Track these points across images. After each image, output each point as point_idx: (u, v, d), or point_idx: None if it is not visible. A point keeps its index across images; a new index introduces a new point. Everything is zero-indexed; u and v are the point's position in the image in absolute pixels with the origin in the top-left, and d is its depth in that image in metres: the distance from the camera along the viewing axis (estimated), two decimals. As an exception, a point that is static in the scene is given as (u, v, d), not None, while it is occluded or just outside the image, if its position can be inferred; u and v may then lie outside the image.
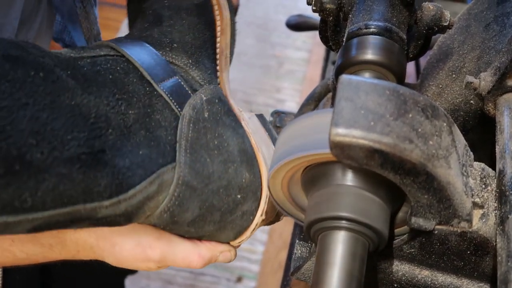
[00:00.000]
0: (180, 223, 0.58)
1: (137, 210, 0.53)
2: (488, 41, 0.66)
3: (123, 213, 0.52)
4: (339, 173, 0.54)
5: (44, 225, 0.47)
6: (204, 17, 0.66)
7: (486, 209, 0.53)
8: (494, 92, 0.59)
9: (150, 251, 0.60)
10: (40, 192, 0.44)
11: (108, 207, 0.50)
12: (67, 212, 0.47)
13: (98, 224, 0.52)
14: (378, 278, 0.60)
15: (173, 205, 0.56)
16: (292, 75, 2.85)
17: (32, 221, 0.45)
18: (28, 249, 0.58)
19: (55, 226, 0.49)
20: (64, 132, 0.46)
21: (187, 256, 0.62)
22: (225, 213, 0.61)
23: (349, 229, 0.52)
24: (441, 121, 0.51)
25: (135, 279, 1.90)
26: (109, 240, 0.60)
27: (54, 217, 0.47)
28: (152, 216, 0.56)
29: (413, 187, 0.50)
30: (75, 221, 0.49)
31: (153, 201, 0.54)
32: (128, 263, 0.61)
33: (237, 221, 0.62)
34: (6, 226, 0.44)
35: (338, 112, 0.49)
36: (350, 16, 0.68)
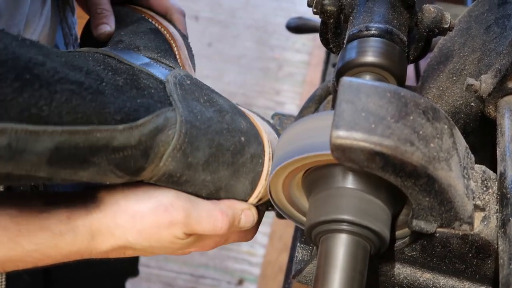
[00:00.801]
0: (195, 165, 0.58)
1: (150, 141, 0.54)
2: (489, 43, 0.66)
3: (138, 143, 0.53)
4: (340, 175, 0.54)
5: (65, 147, 0.48)
6: (159, 37, 0.74)
7: (488, 211, 0.52)
8: (495, 94, 0.58)
9: (173, 211, 0.57)
10: (54, 102, 0.47)
11: (122, 132, 0.52)
12: (84, 131, 0.49)
13: (116, 160, 0.52)
14: (379, 281, 0.60)
15: (183, 142, 0.57)
16: (292, 77, 2.85)
17: (52, 136, 0.46)
18: (38, 239, 0.55)
19: (75, 153, 0.49)
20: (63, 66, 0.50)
21: (211, 214, 0.59)
22: (235, 153, 0.61)
23: (351, 232, 0.52)
24: (442, 123, 0.51)
25: (135, 282, 1.89)
26: (127, 212, 0.57)
27: (73, 136, 0.48)
28: (167, 158, 0.56)
29: (414, 190, 0.50)
30: (93, 148, 0.50)
31: (163, 135, 0.55)
32: (153, 233, 0.58)
33: (249, 165, 0.62)
34: (28, 138, 0.45)
35: (339, 114, 0.49)
36: (351, 18, 0.68)
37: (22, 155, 0.46)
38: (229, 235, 0.65)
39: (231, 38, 3.00)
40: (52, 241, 0.55)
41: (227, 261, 2.07)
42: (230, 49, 2.93)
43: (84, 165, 0.51)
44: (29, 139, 0.46)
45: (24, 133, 0.45)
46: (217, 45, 2.93)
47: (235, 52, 2.93)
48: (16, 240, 0.54)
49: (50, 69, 0.48)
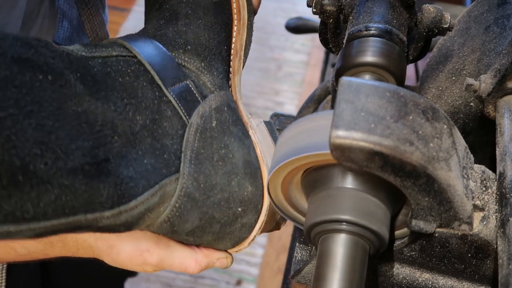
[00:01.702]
0: (179, 232, 0.59)
1: (137, 220, 0.54)
2: (488, 43, 0.66)
3: (124, 223, 0.52)
4: (339, 175, 0.54)
5: (45, 233, 0.48)
6: (221, 16, 0.65)
7: (487, 211, 0.52)
8: (494, 94, 0.58)
9: (148, 255, 0.61)
10: (42, 203, 0.44)
11: (109, 217, 0.50)
12: (68, 222, 0.48)
13: (98, 231, 0.53)
14: (378, 281, 0.60)
15: (173, 216, 0.56)
16: (291, 78, 2.85)
17: (33, 230, 0.46)
18: (30, 246, 0.59)
19: (56, 233, 0.49)
20: (69, 141, 0.46)
21: (184, 262, 0.63)
22: (225, 225, 0.61)
23: (350, 232, 0.52)
24: (442, 123, 0.51)
25: (134, 282, 1.89)
26: (107, 242, 0.61)
27: (56, 226, 0.47)
28: (152, 226, 0.57)
29: (414, 190, 0.49)
30: (76, 229, 0.50)
31: (154, 212, 0.55)
32: (124, 265, 0.62)
33: (236, 233, 0.63)
34: (8, 234, 0.44)
35: (339, 114, 0.49)
36: (350, 18, 0.68)
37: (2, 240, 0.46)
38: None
39: (230, 38, 3.00)
40: (43, 250, 0.60)
41: (226, 262, 2.07)
42: (230, 50, 2.93)
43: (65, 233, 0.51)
44: (9, 235, 0.45)
45: (5, 234, 0.44)
46: (217, 45, 2.91)
47: (234, 52, 2.92)
48: (11, 245, 0.59)
49: (49, 157, 0.44)
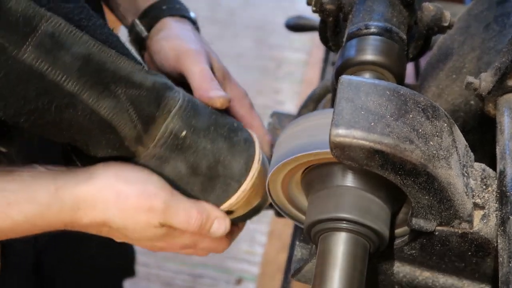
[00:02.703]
0: (197, 130, 0.63)
1: (161, 91, 0.60)
2: (488, 41, 0.66)
3: (152, 87, 0.59)
4: (339, 174, 0.54)
5: (94, 60, 0.54)
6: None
7: (487, 210, 0.52)
8: (494, 92, 0.58)
9: (155, 199, 0.61)
10: (91, 22, 0.57)
11: (140, 71, 0.59)
12: (112, 54, 0.56)
13: (132, 96, 0.57)
14: (378, 280, 0.60)
15: (187, 106, 0.62)
16: (290, 76, 2.85)
17: (87, 44, 0.53)
18: (26, 210, 0.58)
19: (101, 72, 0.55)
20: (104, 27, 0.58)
21: (187, 210, 0.63)
22: (231, 130, 0.66)
23: (350, 230, 0.52)
24: (442, 121, 0.51)
25: (134, 282, 1.89)
26: (113, 189, 0.60)
27: (103, 53, 0.55)
28: (174, 115, 0.61)
29: (414, 188, 0.49)
30: (116, 75, 0.56)
31: (172, 92, 0.61)
32: (131, 215, 0.61)
33: (242, 145, 0.66)
34: (68, 36, 0.51)
35: (339, 112, 0.49)
36: (350, 17, 0.68)
37: (60, 51, 0.51)
38: (198, 240, 0.68)
39: (230, 38, 3.00)
40: (39, 213, 0.58)
41: (226, 261, 2.06)
42: (229, 49, 2.93)
43: (105, 92, 0.55)
44: (69, 37, 0.52)
45: (66, 30, 0.51)
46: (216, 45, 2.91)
47: (234, 51, 2.92)
48: (6, 212, 0.57)
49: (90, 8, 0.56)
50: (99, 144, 0.60)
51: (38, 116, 0.54)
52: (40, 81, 0.51)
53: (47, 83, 0.52)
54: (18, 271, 0.94)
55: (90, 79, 0.54)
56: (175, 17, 0.78)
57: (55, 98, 0.53)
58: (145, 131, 0.60)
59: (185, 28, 0.77)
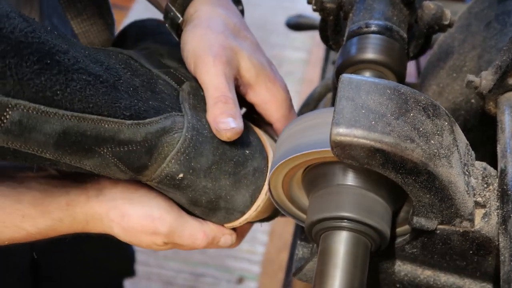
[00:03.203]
0: (197, 171, 0.60)
1: (156, 141, 0.57)
2: (489, 39, 0.66)
3: (143, 140, 0.56)
4: (340, 173, 0.54)
5: (72, 132, 0.50)
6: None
7: (488, 208, 0.52)
8: (495, 91, 0.58)
9: (159, 223, 0.61)
10: (69, 89, 0.50)
11: (130, 127, 0.55)
12: (93, 119, 0.52)
13: (120, 153, 0.54)
14: (380, 279, 0.60)
15: (187, 146, 0.59)
16: (291, 76, 2.85)
17: (61, 119, 0.50)
18: (39, 224, 0.59)
19: (82, 140, 0.51)
20: (85, 57, 0.53)
21: (193, 233, 0.63)
22: (238, 164, 0.62)
23: (351, 229, 0.52)
24: (443, 120, 0.51)
25: (135, 281, 1.89)
26: (119, 210, 0.61)
27: (81, 123, 0.51)
28: (170, 160, 0.58)
29: (415, 187, 0.49)
30: (100, 138, 0.53)
31: (169, 137, 0.58)
32: (134, 235, 0.62)
33: (250, 177, 0.63)
34: (38, 118, 0.48)
35: (339, 111, 0.48)
36: (351, 15, 0.68)
37: (30, 133, 0.49)
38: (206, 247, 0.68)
39: (230, 37, 3.00)
40: (52, 226, 0.60)
41: (227, 260, 2.06)
42: (229, 48, 2.92)
43: (89, 154, 0.53)
44: (39, 119, 0.48)
45: (35, 112, 0.48)
46: (216, 44, 2.91)
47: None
48: (20, 225, 0.59)
49: (71, 58, 0.51)
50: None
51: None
52: (16, 153, 0.50)
53: (24, 154, 0.51)
54: (15, 272, 0.94)
55: (68, 149, 0.52)
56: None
57: (35, 162, 0.53)
58: (138, 175, 0.59)
59: (216, 15, 0.67)
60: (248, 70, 0.65)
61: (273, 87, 0.66)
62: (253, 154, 0.63)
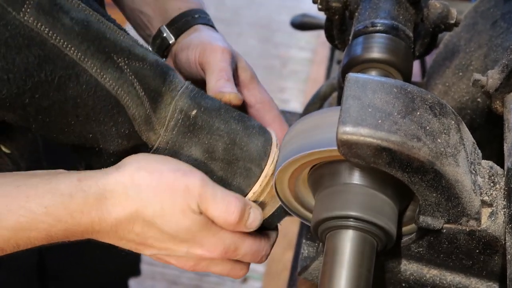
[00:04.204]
0: (208, 109, 0.60)
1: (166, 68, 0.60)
2: (495, 38, 0.66)
3: (155, 62, 0.59)
4: (346, 172, 0.54)
5: (93, 27, 0.54)
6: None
7: (495, 207, 0.52)
8: (502, 89, 0.58)
9: (191, 176, 0.57)
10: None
11: (141, 47, 0.59)
12: (111, 27, 0.56)
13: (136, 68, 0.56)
14: (385, 278, 0.60)
15: (193, 88, 0.61)
16: (295, 75, 2.85)
17: (85, 12, 0.54)
18: (47, 201, 0.55)
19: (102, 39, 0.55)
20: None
21: (225, 196, 0.58)
22: (243, 115, 0.64)
23: (357, 228, 0.52)
24: (449, 119, 0.51)
25: (140, 280, 1.89)
26: (146, 169, 0.57)
27: (102, 24, 0.55)
28: (181, 94, 0.60)
29: (421, 186, 0.49)
30: (117, 45, 0.56)
31: (176, 75, 0.61)
32: (167, 195, 0.57)
33: (257, 129, 0.63)
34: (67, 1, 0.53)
35: (346, 110, 0.48)
36: (356, 15, 0.68)
37: (58, 14, 0.52)
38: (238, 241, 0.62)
39: (235, 36, 3.00)
40: (62, 203, 0.55)
41: (232, 259, 2.06)
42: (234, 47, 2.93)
43: (108, 62, 0.55)
44: (66, 3, 0.53)
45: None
46: (221, 43, 2.91)
47: (239, 50, 2.90)
48: (26, 206, 0.55)
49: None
50: (109, 134, 0.57)
51: (42, 94, 0.53)
52: (42, 47, 0.51)
53: (49, 50, 0.51)
54: (22, 271, 0.94)
55: (91, 46, 0.53)
56: (206, 26, 0.78)
57: (57, 68, 0.52)
58: (153, 110, 0.58)
59: (216, 34, 0.76)
60: (245, 70, 0.73)
61: (263, 93, 0.72)
62: (252, 118, 0.65)
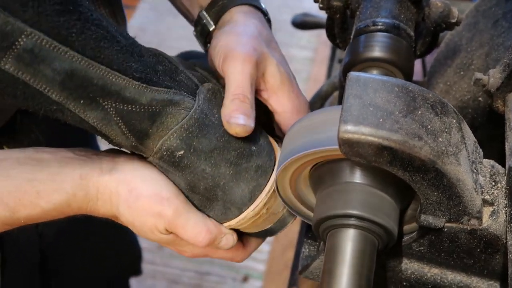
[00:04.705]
0: (198, 152, 0.60)
1: (160, 109, 0.58)
2: (497, 37, 0.66)
3: (149, 103, 0.57)
4: (347, 170, 0.54)
5: (80, 75, 0.52)
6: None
7: (496, 206, 0.52)
8: (503, 88, 0.58)
9: (166, 203, 0.60)
10: (84, 35, 0.52)
11: (136, 87, 0.56)
12: (101, 69, 0.54)
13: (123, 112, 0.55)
14: (387, 276, 0.60)
15: (192, 125, 0.59)
16: (297, 74, 2.83)
17: (71, 59, 0.52)
18: (54, 199, 0.59)
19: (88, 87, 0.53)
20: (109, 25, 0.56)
21: (197, 225, 0.61)
22: (241, 156, 0.62)
23: (358, 227, 0.52)
24: (451, 117, 0.51)
25: (141, 279, 1.90)
26: (128, 185, 0.60)
27: (90, 69, 0.53)
28: (173, 133, 0.59)
29: (423, 184, 0.49)
30: (105, 90, 0.54)
31: (175, 110, 0.59)
32: (139, 213, 0.61)
33: (252, 173, 0.62)
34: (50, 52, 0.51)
35: (347, 109, 0.48)
36: (358, 13, 0.68)
37: (40, 65, 0.51)
38: (209, 251, 0.67)
39: (235, 35, 3.00)
40: (66, 201, 0.60)
41: (233, 258, 2.07)
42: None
43: (93, 104, 0.55)
44: (50, 53, 0.51)
45: (48, 46, 0.51)
46: (222, 42, 2.91)
47: (239, 49, 2.92)
48: (35, 201, 0.59)
49: (95, 18, 0.54)
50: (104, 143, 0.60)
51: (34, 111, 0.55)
52: (26, 87, 0.52)
53: (33, 90, 0.52)
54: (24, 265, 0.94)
55: (74, 93, 0.53)
56: (244, 6, 0.72)
57: (43, 103, 0.54)
58: (140, 143, 0.59)
59: (251, 23, 0.70)
60: (274, 75, 0.66)
61: (296, 99, 0.67)
62: (260, 152, 0.63)
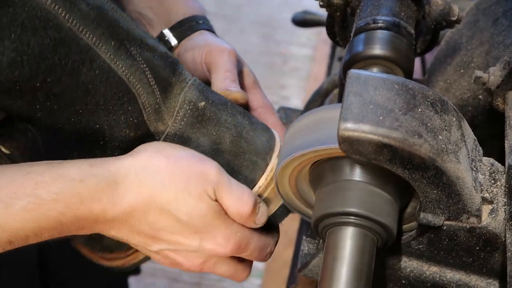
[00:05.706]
0: (215, 102, 0.62)
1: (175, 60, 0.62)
2: (497, 35, 0.66)
3: (166, 53, 0.60)
4: (347, 168, 0.54)
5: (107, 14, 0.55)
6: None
7: (496, 204, 0.52)
8: (503, 86, 0.58)
9: (208, 163, 0.58)
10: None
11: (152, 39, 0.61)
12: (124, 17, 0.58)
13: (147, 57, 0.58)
14: (386, 274, 0.60)
15: (200, 82, 0.63)
16: (296, 72, 2.84)
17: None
18: (56, 187, 0.54)
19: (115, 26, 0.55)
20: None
21: (240, 188, 0.59)
22: (246, 112, 0.65)
23: (358, 225, 0.52)
24: (451, 115, 0.51)
25: (141, 277, 1.89)
26: (162, 153, 0.57)
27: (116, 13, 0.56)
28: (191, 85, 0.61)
29: (422, 182, 0.49)
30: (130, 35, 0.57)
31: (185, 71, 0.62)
32: (182, 179, 0.56)
33: (261, 124, 0.65)
34: None
35: (347, 107, 0.48)
36: (358, 11, 0.68)
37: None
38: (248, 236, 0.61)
39: (236, 33, 2.99)
40: (72, 188, 0.54)
41: (232, 256, 2.06)
42: (235, 44, 2.90)
43: (121, 49, 0.56)
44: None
45: None
46: (222, 40, 2.92)
47: (240, 47, 2.91)
48: (34, 193, 0.53)
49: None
50: (117, 125, 0.57)
51: (54, 78, 0.52)
52: (58, 30, 0.51)
53: (64, 33, 0.52)
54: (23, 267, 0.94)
55: (105, 32, 0.54)
56: (209, 31, 0.78)
57: (71, 52, 0.52)
58: (163, 99, 0.59)
59: (220, 39, 0.77)
60: (249, 75, 0.75)
61: (264, 99, 0.74)
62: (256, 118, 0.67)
